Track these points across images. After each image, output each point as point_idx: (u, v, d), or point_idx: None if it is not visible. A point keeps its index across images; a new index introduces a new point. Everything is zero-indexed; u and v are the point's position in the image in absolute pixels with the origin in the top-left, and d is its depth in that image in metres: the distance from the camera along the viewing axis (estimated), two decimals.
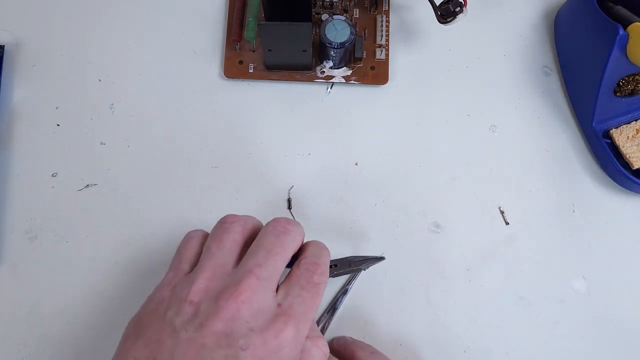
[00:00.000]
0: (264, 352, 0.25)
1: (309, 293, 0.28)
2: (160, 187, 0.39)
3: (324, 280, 0.29)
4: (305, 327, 0.27)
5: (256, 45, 0.42)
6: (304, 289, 0.28)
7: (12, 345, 0.36)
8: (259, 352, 0.25)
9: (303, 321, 0.27)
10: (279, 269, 0.28)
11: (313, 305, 0.28)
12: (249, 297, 0.26)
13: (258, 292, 0.27)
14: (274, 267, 0.28)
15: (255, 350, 0.25)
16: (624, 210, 0.40)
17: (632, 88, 0.39)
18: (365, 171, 0.40)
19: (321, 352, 0.29)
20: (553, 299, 0.38)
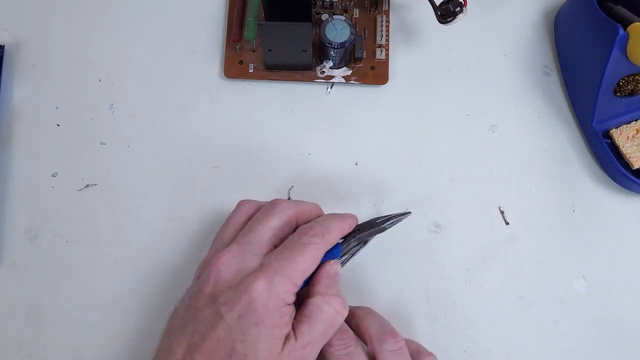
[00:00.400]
0: (241, 307, 0.28)
1: (290, 252, 0.30)
2: (160, 187, 0.39)
3: (314, 241, 0.30)
4: (283, 280, 0.29)
5: (256, 45, 0.42)
6: (286, 248, 0.30)
7: (12, 345, 0.36)
8: (236, 307, 0.28)
9: (279, 275, 0.29)
10: (261, 234, 0.31)
11: (293, 261, 0.29)
12: (228, 260, 0.30)
13: (238, 255, 0.30)
14: (255, 234, 0.31)
15: (233, 304, 0.28)
16: (624, 210, 0.40)
17: (632, 88, 0.39)
18: (365, 171, 0.40)
19: (332, 310, 0.30)
20: (553, 299, 0.38)
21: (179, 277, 0.37)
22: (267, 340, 0.28)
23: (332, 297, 0.30)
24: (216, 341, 0.28)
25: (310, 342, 0.29)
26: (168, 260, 0.38)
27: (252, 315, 0.28)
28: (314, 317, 0.30)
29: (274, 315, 0.28)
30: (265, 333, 0.28)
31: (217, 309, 0.28)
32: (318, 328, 0.30)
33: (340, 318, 0.31)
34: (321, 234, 0.31)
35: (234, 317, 0.28)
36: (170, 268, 0.38)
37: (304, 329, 0.29)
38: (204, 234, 0.38)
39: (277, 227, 0.31)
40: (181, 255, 0.38)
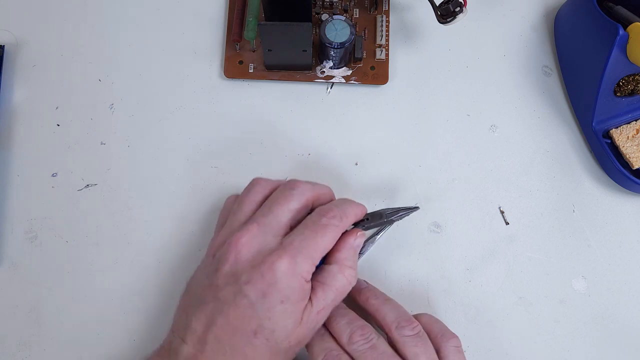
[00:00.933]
0: (263, 284, 0.29)
1: (311, 231, 0.30)
2: (160, 187, 0.39)
3: (333, 223, 0.31)
4: (305, 260, 0.29)
5: (256, 45, 0.42)
6: (307, 228, 0.31)
7: (12, 345, 0.36)
8: (259, 285, 0.29)
9: (302, 254, 0.29)
10: (280, 216, 0.31)
11: (314, 241, 0.30)
12: (248, 240, 0.30)
13: (258, 235, 0.30)
14: (274, 215, 0.31)
15: (256, 283, 0.29)
16: (624, 210, 0.40)
17: (632, 88, 0.39)
18: (365, 171, 0.40)
19: (345, 280, 0.31)
20: (553, 299, 0.38)
21: (179, 277, 0.37)
22: (292, 315, 0.29)
23: (347, 268, 0.31)
24: (240, 318, 0.29)
25: (324, 307, 0.31)
26: (168, 260, 0.38)
27: (278, 294, 0.29)
28: (328, 284, 0.31)
29: (297, 292, 0.29)
30: (291, 309, 0.29)
31: (240, 287, 0.29)
32: (330, 295, 0.31)
33: (349, 288, 0.32)
34: (339, 216, 0.31)
35: (257, 295, 0.29)
36: (170, 268, 0.38)
37: (319, 295, 0.30)
38: (204, 234, 0.38)
39: (295, 209, 0.32)
40: (181, 255, 0.38)
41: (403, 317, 0.32)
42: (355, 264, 0.32)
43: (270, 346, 0.29)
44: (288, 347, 0.30)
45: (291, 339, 0.30)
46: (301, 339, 0.30)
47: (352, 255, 0.32)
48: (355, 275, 0.32)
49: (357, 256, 0.33)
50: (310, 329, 0.31)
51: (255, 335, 0.29)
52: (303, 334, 0.30)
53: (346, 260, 0.32)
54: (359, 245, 0.33)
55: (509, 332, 0.38)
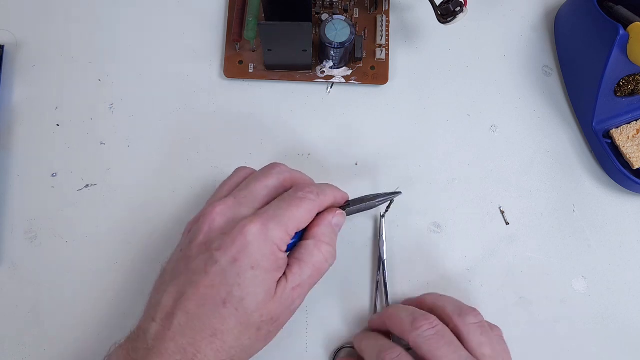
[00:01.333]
0: (234, 250, 0.28)
1: (286, 202, 0.30)
2: (160, 187, 0.39)
3: (309, 197, 0.31)
4: (278, 227, 0.29)
5: (256, 45, 0.42)
6: (283, 201, 0.31)
7: (12, 345, 0.36)
8: (229, 250, 0.28)
9: (274, 221, 0.29)
10: (257, 191, 0.31)
11: (288, 211, 0.30)
12: (223, 210, 0.30)
13: (234, 206, 0.30)
14: (251, 190, 0.31)
15: (227, 249, 0.28)
16: (624, 210, 0.40)
17: (632, 88, 0.39)
18: (365, 171, 0.40)
19: (322, 256, 0.31)
20: (553, 299, 0.38)
21: None
22: (264, 283, 0.29)
23: (323, 244, 0.31)
24: (210, 287, 0.28)
25: (300, 284, 0.30)
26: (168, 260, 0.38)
27: (248, 259, 0.28)
28: (304, 260, 0.30)
29: (269, 259, 0.29)
30: (262, 277, 0.28)
31: (210, 254, 0.29)
32: (307, 271, 0.30)
33: (326, 266, 0.31)
34: (316, 192, 0.31)
35: (228, 260, 0.28)
36: None
37: (295, 270, 0.30)
38: None
39: (273, 186, 0.32)
40: None
41: (463, 306, 0.32)
42: (333, 241, 0.32)
43: (239, 317, 0.28)
44: (260, 321, 0.29)
45: (263, 312, 0.29)
46: (275, 316, 0.29)
47: (330, 232, 0.32)
48: (332, 253, 0.31)
49: (335, 234, 0.32)
50: (286, 306, 0.30)
51: (225, 305, 0.28)
52: (277, 310, 0.29)
53: (323, 235, 0.31)
54: (337, 223, 0.32)
55: (509, 332, 0.37)
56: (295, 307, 0.31)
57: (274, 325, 0.30)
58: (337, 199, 0.33)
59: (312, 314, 0.37)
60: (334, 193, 0.33)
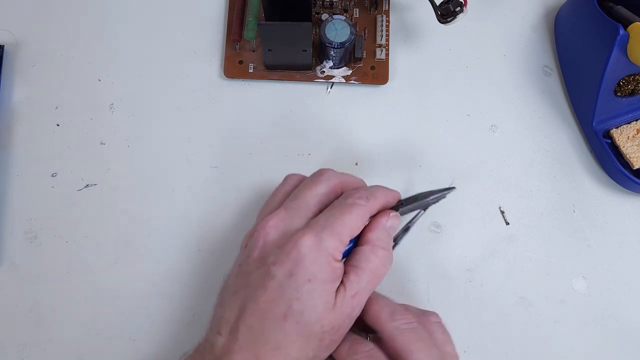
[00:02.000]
0: (290, 264, 0.28)
1: (337, 210, 0.30)
2: (160, 187, 0.39)
3: (360, 202, 0.30)
4: (331, 236, 0.29)
5: (256, 45, 0.42)
6: (334, 208, 0.30)
7: (12, 345, 0.36)
8: (285, 264, 0.28)
9: (327, 231, 0.29)
10: (307, 200, 0.31)
11: (340, 219, 0.29)
12: (276, 224, 0.30)
13: (286, 218, 0.30)
14: (302, 199, 0.31)
15: (282, 263, 0.28)
16: (624, 210, 0.40)
17: (632, 88, 0.39)
18: (365, 171, 0.40)
19: (378, 261, 0.30)
20: (553, 299, 0.38)
21: (179, 277, 0.37)
22: (322, 295, 0.28)
23: (379, 249, 0.31)
24: (270, 301, 0.28)
25: (359, 291, 0.30)
26: (168, 260, 0.38)
27: (304, 272, 0.28)
28: (361, 267, 0.30)
29: (325, 270, 0.28)
30: (320, 288, 0.28)
31: (267, 270, 0.28)
32: (364, 278, 0.30)
33: (384, 271, 0.31)
34: (366, 197, 0.31)
35: (284, 274, 0.28)
36: (170, 268, 0.38)
37: (352, 278, 0.30)
38: (204, 234, 0.38)
39: (323, 193, 0.31)
40: (181, 256, 0.38)
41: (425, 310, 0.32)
42: (389, 245, 0.31)
43: (301, 330, 0.28)
44: (321, 332, 0.29)
45: (324, 323, 0.28)
46: (336, 326, 0.29)
47: (385, 236, 0.31)
48: (389, 257, 0.31)
49: (390, 238, 0.32)
50: (346, 314, 0.29)
51: (285, 319, 0.28)
52: (338, 320, 0.29)
53: (378, 240, 0.31)
54: (392, 226, 0.32)
55: (509, 332, 0.38)
56: (355, 314, 0.30)
57: (337, 335, 0.30)
58: (389, 200, 0.33)
59: None
60: (385, 194, 0.32)
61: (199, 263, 0.38)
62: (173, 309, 0.37)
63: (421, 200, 0.34)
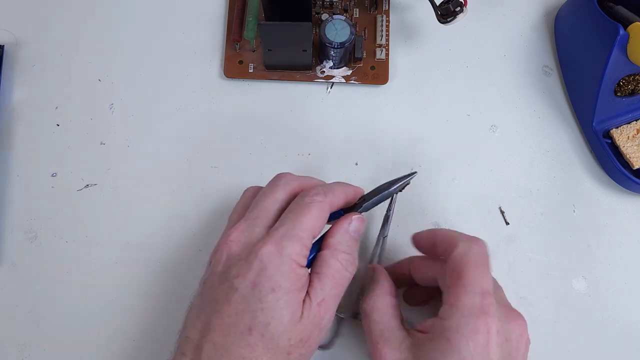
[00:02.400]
0: (252, 274, 0.27)
1: (294, 213, 0.29)
2: (160, 187, 0.39)
3: (316, 199, 0.29)
4: (292, 242, 0.28)
5: (256, 45, 0.42)
6: (291, 212, 0.29)
7: (12, 345, 0.36)
8: (248, 276, 0.28)
9: (287, 236, 0.28)
10: (266, 208, 0.30)
11: (298, 221, 0.29)
12: (237, 237, 0.29)
13: (246, 230, 0.29)
14: (261, 208, 0.30)
15: (245, 275, 0.28)
16: (624, 210, 0.40)
17: (632, 88, 0.39)
18: (365, 171, 0.40)
19: (339, 265, 0.29)
20: (553, 299, 0.38)
21: (179, 277, 0.37)
22: (287, 304, 0.27)
23: (340, 252, 0.30)
24: (233, 315, 0.27)
25: (324, 298, 0.29)
26: (168, 260, 0.38)
27: (267, 282, 0.27)
28: (323, 273, 0.29)
29: (289, 279, 0.28)
30: (285, 298, 0.27)
31: (230, 283, 0.28)
32: (328, 283, 0.29)
33: (347, 275, 0.30)
34: (323, 193, 0.30)
35: (247, 286, 0.27)
36: (170, 268, 0.38)
37: (316, 285, 0.29)
38: (204, 234, 0.38)
39: (282, 199, 0.31)
40: (181, 256, 0.38)
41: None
42: (352, 248, 0.31)
43: (266, 343, 0.27)
44: (288, 345, 0.28)
45: (290, 336, 0.27)
46: (304, 337, 0.28)
47: (347, 239, 0.30)
48: (350, 261, 0.30)
49: (353, 240, 0.31)
50: (314, 324, 0.28)
51: (250, 332, 0.27)
52: (306, 331, 0.28)
53: (339, 244, 0.30)
54: (355, 229, 0.31)
55: None
56: (324, 324, 0.29)
57: (305, 347, 0.28)
58: (350, 196, 0.32)
59: None
60: (344, 190, 0.31)
61: (199, 263, 0.37)
62: (173, 309, 0.37)
63: (383, 192, 0.33)
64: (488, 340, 0.27)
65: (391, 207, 0.36)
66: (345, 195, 0.31)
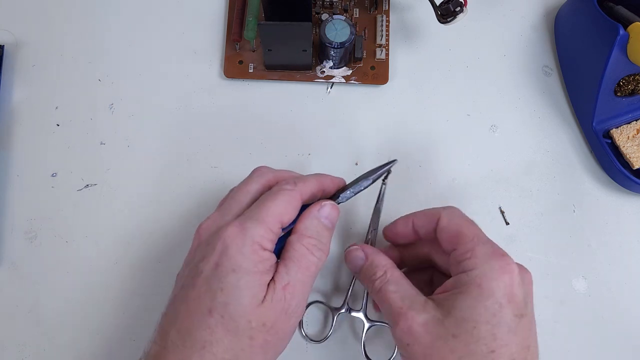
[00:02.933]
0: (215, 256, 0.28)
1: (261, 200, 0.30)
2: (160, 187, 0.39)
3: (286, 187, 0.30)
4: (256, 225, 0.28)
5: (256, 45, 0.42)
6: (260, 200, 0.30)
7: (12, 345, 0.36)
8: (212, 258, 0.28)
9: (252, 219, 0.28)
10: (238, 198, 0.31)
11: (266, 207, 0.29)
12: (208, 225, 0.30)
13: (217, 219, 0.30)
14: (234, 199, 0.31)
15: (209, 257, 0.28)
16: (624, 210, 0.40)
17: (632, 88, 0.39)
18: (365, 171, 0.40)
19: (305, 250, 0.29)
20: (553, 299, 0.38)
21: None
22: (248, 286, 0.27)
23: (306, 237, 0.30)
24: (197, 298, 0.27)
25: (289, 282, 0.28)
26: (168, 260, 0.38)
27: (228, 262, 0.27)
28: (288, 257, 0.29)
29: (251, 260, 0.28)
30: (245, 279, 0.27)
31: (196, 267, 0.28)
32: (293, 267, 0.29)
33: (314, 259, 0.30)
34: (293, 182, 0.30)
35: (210, 267, 0.28)
36: (170, 268, 0.38)
37: (281, 269, 0.29)
38: None
39: (255, 190, 0.31)
40: (181, 256, 0.38)
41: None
42: (321, 234, 0.30)
43: (226, 324, 0.27)
44: (249, 328, 0.27)
45: (251, 318, 0.27)
46: (268, 322, 0.28)
47: (315, 225, 0.30)
48: (318, 246, 0.30)
49: (323, 227, 0.31)
50: (279, 309, 0.28)
51: (210, 313, 0.27)
52: (270, 316, 0.28)
53: (306, 229, 0.30)
54: (326, 215, 0.31)
55: None
56: (292, 310, 0.29)
57: (270, 334, 0.28)
58: (325, 184, 0.32)
59: None
60: (318, 179, 0.31)
61: None
62: None
63: (361, 182, 0.33)
64: (513, 279, 0.28)
65: (380, 198, 0.36)
66: (318, 184, 0.31)
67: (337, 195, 0.33)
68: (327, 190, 0.32)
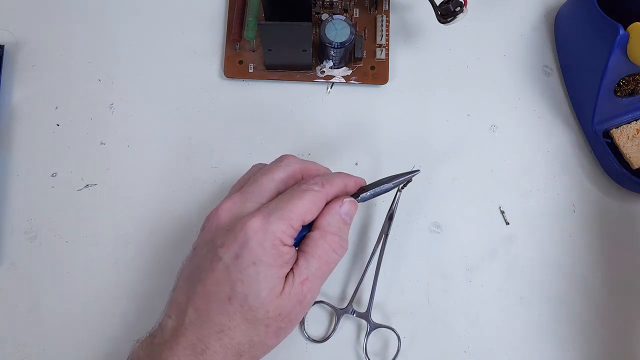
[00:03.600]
0: (236, 246, 0.28)
1: (288, 196, 0.30)
2: (160, 187, 0.39)
3: (313, 188, 0.30)
4: (279, 220, 0.28)
5: (256, 45, 0.42)
6: (287, 194, 0.30)
7: (12, 345, 0.36)
8: (232, 247, 0.28)
9: (276, 215, 0.29)
10: (263, 185, 0.31)
11: (291, 204, 0.29)
12: (229, 207, 0.30)
13: (239, 202, 0.30)
14: (258, 184, 0.31)
15: (229, 245, 0.28)
16: (624, 210, 0.40)
17: (632, 88, 0.39)
18: (365, 171, 0.40)
19: (328, 246, 0.30)
20: (553, 299, 0.38)
21: None
22: (267, 279, 0.28)
23: (328, 234, 0.30)
24: (215, 284, 0.28)
25: (308, 277, 0.29)
26: (168, 260, 0.38)
27: (249, 254, 0.28)
28: (310, 252, 0.30)
29: (271, 254, 0.28)
30: (265, 272, 0.28)
31: (215, 252, 0.29)
32: (313, 263, 0.30)
33: (335, 256, 0.30)
34: (321, 183, 0.31)
35: (231, 257, 0.28)
36: (170, 268, 0.38)
37: (301, 263, 0.29)
38: None
39: (280, 179, 0.31)
40: (181, 256, 0.38)
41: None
42: (342, 230, 0.31)
43: (244, 313, 0.28)
44: (266, 317, 0.28)
45: (268, 309, 0.28)
46: (284, 312, 0.29)
47: (337, 221, 0.31)
48: (339, 242, 0.30)
49: (344, 223, 0.31)
50: (297, 301, 0.29)
51: (230, 301, 0.28)
52: (286, 306, 0.29)
53: (328, 225, 0.30)
54: (347, 212, 0.31)
55: (510, 332, 0.38)
56: (307, 302, 0.30)
57: (285, 322, 0.29)
58: (349, 186, 0.32)
59: None
60: (343, 181, 0.32)
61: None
62: None
63: (383, 185, 0.33)
64: None
65: (395, 204, 0.36)
66: (344, 186, 0.32)
67: (358, 194, 0.33)
68: (350, 191, 0.33)
